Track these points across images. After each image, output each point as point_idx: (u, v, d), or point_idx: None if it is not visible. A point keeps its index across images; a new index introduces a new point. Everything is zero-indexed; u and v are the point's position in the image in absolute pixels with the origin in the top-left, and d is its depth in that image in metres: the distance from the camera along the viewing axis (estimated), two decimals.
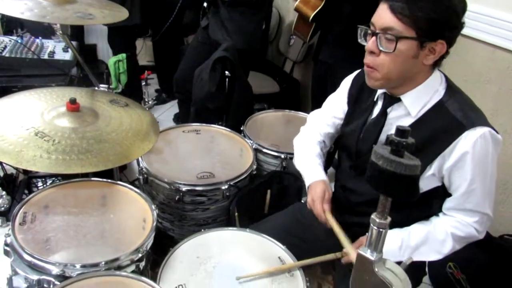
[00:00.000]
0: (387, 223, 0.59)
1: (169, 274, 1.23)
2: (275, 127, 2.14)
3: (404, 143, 0.53)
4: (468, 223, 1.18)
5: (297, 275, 1.29)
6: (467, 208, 1.16)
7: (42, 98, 1.57)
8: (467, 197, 1.15)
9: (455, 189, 1.16)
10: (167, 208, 1.68)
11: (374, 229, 0.60)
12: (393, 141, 0.53)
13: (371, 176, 0.56)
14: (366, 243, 0.61)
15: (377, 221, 0.60)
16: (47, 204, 1.30)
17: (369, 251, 0.60)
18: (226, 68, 2.14)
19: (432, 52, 1.09)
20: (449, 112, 1.12)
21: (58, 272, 1.10)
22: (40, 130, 1.39)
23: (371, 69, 1.14)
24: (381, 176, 0.54)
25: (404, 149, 0.53)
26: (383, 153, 0.54)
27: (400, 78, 1.14)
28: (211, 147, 1.88)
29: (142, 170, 1.70)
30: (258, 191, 1.78)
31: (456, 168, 1.12)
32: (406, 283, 0.58)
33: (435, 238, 1.20)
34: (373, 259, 0.59)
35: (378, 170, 0.54)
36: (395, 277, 0.57)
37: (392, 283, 0.56)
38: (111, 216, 1.32)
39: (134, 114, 1.64)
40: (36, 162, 1.27)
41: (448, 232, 1.18)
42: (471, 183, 1.12)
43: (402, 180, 0.53)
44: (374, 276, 0.57)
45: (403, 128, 0.54)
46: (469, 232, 1.18)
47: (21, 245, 1.14)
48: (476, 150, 1.09)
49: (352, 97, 1.37)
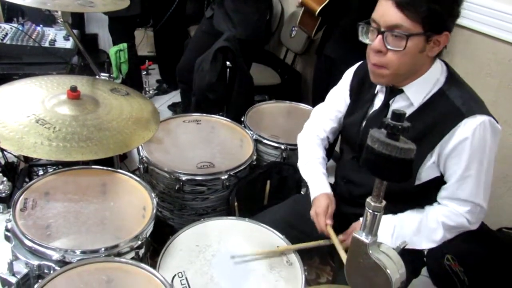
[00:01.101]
0: (382, 206, 0.60)
1: (169, 262, 1.24)
2: (276, 118, 2.14)
3: (399, 126, 0.53)
4: (460, 213, 1.18)
5: (296, 264, 1.30)
6: (460, 198, 1.16)
7: (43, 86, 1.57)
8: (460, 184, 1.15)
9: (449, 176, 1.16)
10: (167, 197, 1.69)
11: (369, 213, 0.60)
12: (389, 125, 0.53)
13: (366, 160, 0.57)
14: (361, 227, 0.61)
15: (372, 204, 0.60)
16: (47, 191, 1.31)
17: (364, 234, 0.60)
18: (228, 58, 2.14)
19: (437, 44, 1.09)
20: (449, 100, 1.12)
21: (59, 257, 1.11)
22: (41, 118, 1.39)
23: (378, 67, 1.13)
24: (376, 159, 0.55)
25: (400, 132, 0.53)
26: (378, 137, 0.54)
27: (407, 73, 1.13)
28: (212, 137, 1.89)
29: (142, 159, 1.70)
30: (257, 182, 1.78)
31: (453, 155, 1.12)
32: (400, 266, 0.58)
33: (427, 226, 1.20)
34: (367, 242, 0.59)
35: (374, 154, 0.55)
36: (389, 260, 0.57)
37: (386, 266, 0.56)
38: (111, 203, 1.32)
39: (135, 103, 1.64)
40: (37, 149, 1.28)
41: (439, 221, 1.19)
42: (466, 170, 1.12)
43: (397, 163, 0.54)
44: (369, 259, 0.58)
45: (399, 111, 0.54)
46: (460, 222, 1.18)
47: (22, 230, 1.15)
48: (474, 138, 1.09)
49: (353, 89, 1.36)
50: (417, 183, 1.19)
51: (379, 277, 0.57)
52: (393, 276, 0.56)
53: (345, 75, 1.41)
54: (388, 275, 0.56)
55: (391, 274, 0.56)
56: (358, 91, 1.34)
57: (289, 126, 2.06)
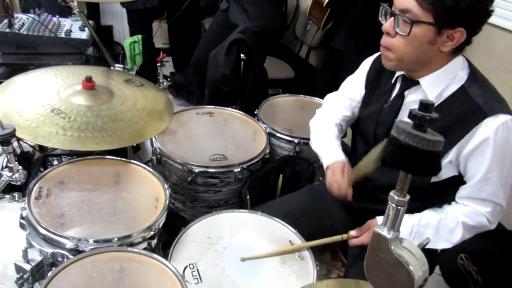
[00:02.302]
0: (406, 200, 0.58)
1: (180, 253, 1.24)
2: (289, 112, 2.12)
3: (427, 117, 0.51)
4: (480, 213, 1.16)
5: (307, 259, 1.29)
6: (481, 197, 1.14)
7: (58, 76, 1.58)
8: (482, 185, 1.12)
9: (471, 176, 1.14)
10: (179, 189, 1.69)
11: (392, 207, 0.58)
12: (416, 115, 0.51)
13: (391, 152, 0.55)
14: (383, 221, 0.59)
15: (395, 198, 0.58)
16: (62, 180, 1.32)
17: (385, 229, 0.58)
18: (242, 51, 2.13)
19: (451, 39, 1.05)
20: (470, 98, 1.10)
21: (72, 246, 1.12)
22: (56, 107, 1.40)
23: (385, 49, 1.12)
24: (402, 151, 0.53)
25: (428, 123, 0.51)
26: (405, 128, 0.52)
27: (414, 62, 1.11)
28: (225, 130, 1.88)
29: (155, 150, 1.70)
30: (270, 175, 1.77)
31: (474, 155, 1.10)
32: (423, 263, 0.57)
33: (445, 226, 1.18)
34: (389, 237, 0.57)
35: (400, 145, 0.53)
36: (412, 256, 0.56)
37: (408, 262, 0.55)
38: (124, 194, 1.33)
39: (149, 94, 1.64)
40: (52, 138, 1.29)
41: (459, 220, 1.17)
42: (488, 171, 1.10)
43: (424, 156, 0.52)
44: (390, 255, 0.56)
45: (427, 102, 0.52)
46: (481, 221, 1.16)
47: (36, 218, 1.16)
48: (497, 138, 1.06)
49: (370, 79, 1.34)
50: (432, 181, 1.17)
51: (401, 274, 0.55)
52: (416, 273, 0.55)
53: (363, 65, 1.39)
54: (411, 272, 0.54)
55: (414, 271, 0.55)
56: (374, 82, 1.32)
57: (302, 119, 2.03)
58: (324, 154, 1.39)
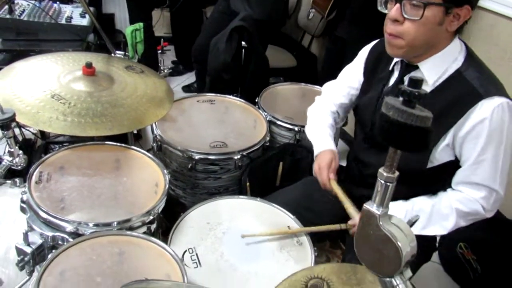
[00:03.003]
0: (395, 177, 0.58)
1: (180, 238, 1.26)
2: (290, 100, 2.12)
3: (416, 93, 0.51)
4: (474, 199, 1.15)
5: (306, 244, 1.30)
6: (474, 182, 1.13)
7: (58, 62, 1.59)
8: (475, 168, 1.12)
9: (465, 159, 1.13)
10: (179, 176, 1.70)
11: (381, 183, 0.59)
12: (405, 92, 0.51)
13: (380, 128, 0.55)
14: (373, 198, 0.60)
15: (384, 174, 0.59)
16: (62, 165, 1.33)
17: (375, 206, 0.59)
18: (243, 38, 2.12)
19: (457, 18, 1.05)
20: (466, 81, 1.09)
21: (72, 229, 1.13)
22: (56, 93, 1.41)
23: (394, 37, 1.10)
24: (391, 127, 0.53)
25: (416, 99, 0.51)
26: (394, 104, 0.52)
27: (424, 46, 1.10)
28: (225, 117, 1.88)
29: (156, 137, 1.71)
30: (270, 163, 1.78)
31: (469, 138, 1.09)
32: (411, 239, 0.57)
33: (439, 212, 1.18)
34: (378, 213, 0.58)
35: (388, 121, 0.53)
36: (400, 232, 0.56)
37: (397, 238, 0.55)
38: (124, 179, 1.34)
39: (149, 81, 1.64)
40: (52, 124, 1.30)
41: (453, 207, 1.16)
42: (482, 153, 1.09)
43: (413, 131, 0.52)
44: (379, 231, 0.56)
45: (416, 78, 0.52)
46: (475, 208, 1.15)
47: (37, 202, 1.17)
48: (492, 120, 1.06)
49: (368, 67, 1.34)
50: (429, 166, 1.17)
51: (389, 250, 0.55)
52: (404, 249, 0.55)
53: (361, 52, 1.39)
54: (399, 247, 0.55)
55: (402, 246, 0.55)
56: (373, 69, 1.32)
57: (303, 108, 2.02)
58: (315, 142, 1.42)
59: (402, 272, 0.58)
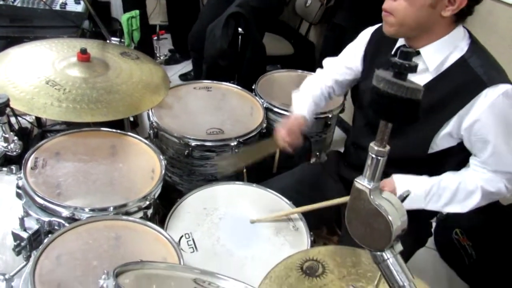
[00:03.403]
0: (386, 151, 0.58)
1: (176, 224, 1.26)
2: (287, 87, 2.10)
3: (407, 65, 0.50)
4: (499, 179, 1.15)
5: (302, 229, 1.30)
6: (495, 169, 1.14)
7: (53, 48, 1.58)
8: (493, 160, 1.12)
9: (478, 151, 1.13)
10: (176, 162, 1.70)
11: (372, 157, 0.59)
12: (396, 64, 0.51)
13: (371, 101, 0.55)
14: (364, 172, 0.60)
15: (375, 148, 0.58)
16: (58, 151, 1.33)
17: (366, 180, 0.59)
18: (240, 25, 2.10)
19: (452, 3, 1.04)
20: (470, 69, 1.08)
21: (68, 214, 1.13)
22: (51, 79, 1.40)
23: (387, 14, 1.11)
24: (381, 100, 0.53)
25: (407, 71, 0.51)
26: (384, 76, 0.52)
27: (415, 27, 1.09)
28: (222, 104, 1.88)
29: (152, 124, 1.70)
30: None
31: (477, 128, 1.09)
32: (402, 214, 0.57)
33: (464, 189, 1.16)
34: (370, 187, 0.58)
35: (379, 94, 0.53)
36: (391, 206, 0.56)
37: (387, 212, 0.55)
38: (120, 165, 1.34)
39: (145, 68, 1.63)
40: (47, 110, 1.29)
41: (479, 185, 1.15)
42: (495, 144, 1.09)
43: (403, 103, 0.52)
44: (370, 205, 0.57)
45: (407, 49, 0.52)
46: (499, 187, 1.15)
47: (33, 188, 1.17)
48: (497, 108, 1.05)
49: (369, 51, 1.33)
50: (430, 152, 1.17)
51: (380, 224, 0.56)
52: (394, 223, 0.55)
53: (363, 34, 1.38)
54: (389, 221, 0.55)
55: (392, 220, 0.55)
56: (374, 53, 1.31)
57: None
58: (294, 104, 1.47)
59: (392, 246, 0.58)
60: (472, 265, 1.92)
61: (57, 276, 0.96)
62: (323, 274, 0.98)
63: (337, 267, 1.00)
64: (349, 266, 1.01)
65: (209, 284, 0.83)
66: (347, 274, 0.99)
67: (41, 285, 0.93)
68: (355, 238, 0.62)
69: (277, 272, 0.98)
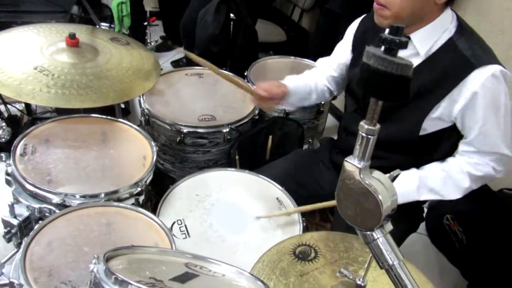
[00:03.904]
0: (376, 129, 0.58)
1: (168, 210, 1.26)
2: (279, 74, 2.08)
3: (397, 40, 0.50)
4: (486, 162, 1.16)
5: (294, 216, 1.30)
6: (483, 150, 1.15)
7: (41, 33, 1.54)
8: (481, 139, 1.12)
9: (469, 132, 1.14)
10: (168, 149, 1.69)
11: (362, 136, 0.58)
12: (386, 39, 0.50)
13: (361, 78, 0.54)
14: (354, 151, 0.59)
15: (365, 127, 0.58)
16: (47, 138, 1.31)
17: (356, 160, 0.59)
18: (231, 10, 2.07)
19: None
20: (458, 50, 1.08)
21: (59, 201, 1.12)
22: (39, 65, 1.37)
23: (381, 7, 1.09)
24: (371, 76, 0.52)
25: (398, 47, 0.50)
26: (375, 52, 0.51)
27: (410, 18, 1.09)
28: (214, 90, 1.86)
29: (144, 111, 1.69)
30: (259, 137, 1.77)
31: (467, 110, 1.09)
32: (392, 193, 0.57)
33: (452, 177, 1.18)
34: (360, 167, 0.58)
35: (369, 71, 0.52)
36: (381, 185, 0.56)
37: (377, 191, 0.55)
38: (111, 151, 1.32)
39: (135, 53, 1.61)
40: (36, 96, 1.27)
41: (465, 171, 1.16)
42: (484, 123, 1.10)
43: (393, 80, 0.51)
44: (360, 185, 0.56)
45: (397, 25, 0.51)
46: (487, 171, 1.16)
47: (22, 175, 1.15)
48: (486, 89, 1.06)
49: (357, 40, 1.33)
50: (422, 134, 1.17)
51: (370, 203, 0.55)
52: (384, 202, 0.55)
53: (350, 27, 1.38)
54: (379, 200, 0.55)
55: (382, 199, 0.55)
56: (362, 42, 1.30)
57: None
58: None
59: (382, 225, 0.58)
60: (463, 250, 1.94)
61: (48, 262, 0.96)
62: (316, 259, 0.99)
63: (329, 251, 1.01)
64: (341, 251, 1.02)
65: (201, 269, 0.82)
66: (339, 259, 1.00)
67: (32, 272, 0.93)
68: (346, 218, 0.62)
69: (269, 257, 0.99)
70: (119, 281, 0.61)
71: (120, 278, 0.61)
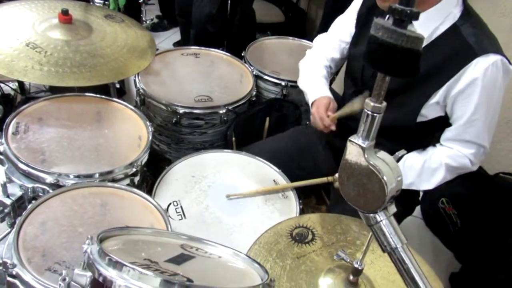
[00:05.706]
0: (382, 107, 0.55)
1: (164, 191, 1.24)
2: (277, 55, 2.06)
3: (408, 11, 0.47)
4: (464, 154, 1.16)
5: (291, 197, 1.30)
6: (465, 139, 1.14)
7: (33, 9, 1.50)
8: (467, 127, 1.12)
9: (457, 118, 1.12)
10: (164, 130, 1.67)
11: (368, 114, 0.56)
12: (396, 10, 0.47)
13: (368, 52, 0.51)
14: (358, 130, 0.57)
15: (371, 104, 0.55)
16: (40, 116, 1.28)
17: (360, 139, 0.57)
18: None
19: None
20: (462, 37, 1.06)
21: (53, 181, 1.11)
22: (31, 41, 1.34)
23: None
24: (379, 49, 0.49)
25: (408, 18, 0.48)
26: (384, 23, 0.48)
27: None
28: (210, 71, 1.83)
29: (139, 91, 1.66)
30: (256, 118, 1.75)
31: (462, 96, 1.08)
32: (397, 174, 0.55)
33: (429, 167, 1.19)
34: (364, 146, 0.55)
35: (377, 43, 0.49)
36: (386, 166, 0.54)
37: (382, 172, 0.53)
38: (106, 131, 1.30)
39: (130, 31, 1.57)
40: (28, 73, 1.24)
41: (443, 162, 1.17)
42: (474, 112, 1.08)
43: (403, 53, 0.48)
44: (364, 165, 0.55)
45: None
46: (463, 163, 1.16)
47: (15, 153, 1.13)
48: (485, 79, 1.04)
49: (361, 18, 1.29)
50: (419, 120, 1.16)
51: (374, 184, 0.54)
52: (389, 183, 0.54)
53: (354, 3, 1.34)
54: (384, 182, 0.53)
55: (387, 181, 0.53)
56: (365, 20, 1.27)
57: (290, 63, 1.99)
58: (310, 91, 1.38)
59: (386, 207, 0.57)
60: (457, 233, 1.96)
61: (41, 242, 0.94)
62: (313, 241, 0.98)
63: (326, 234, 1.00)
64: (339, 233, 1.01)
65: (197, 250, 0.82)
66: (336, 241, 0.99)
67: (25, 251, 0.91)
68: (348, 199, 0.61)
69: (266, 238, 0.98)
70: (113, 262, 0.60)
71: (114, 259, 0.60)
